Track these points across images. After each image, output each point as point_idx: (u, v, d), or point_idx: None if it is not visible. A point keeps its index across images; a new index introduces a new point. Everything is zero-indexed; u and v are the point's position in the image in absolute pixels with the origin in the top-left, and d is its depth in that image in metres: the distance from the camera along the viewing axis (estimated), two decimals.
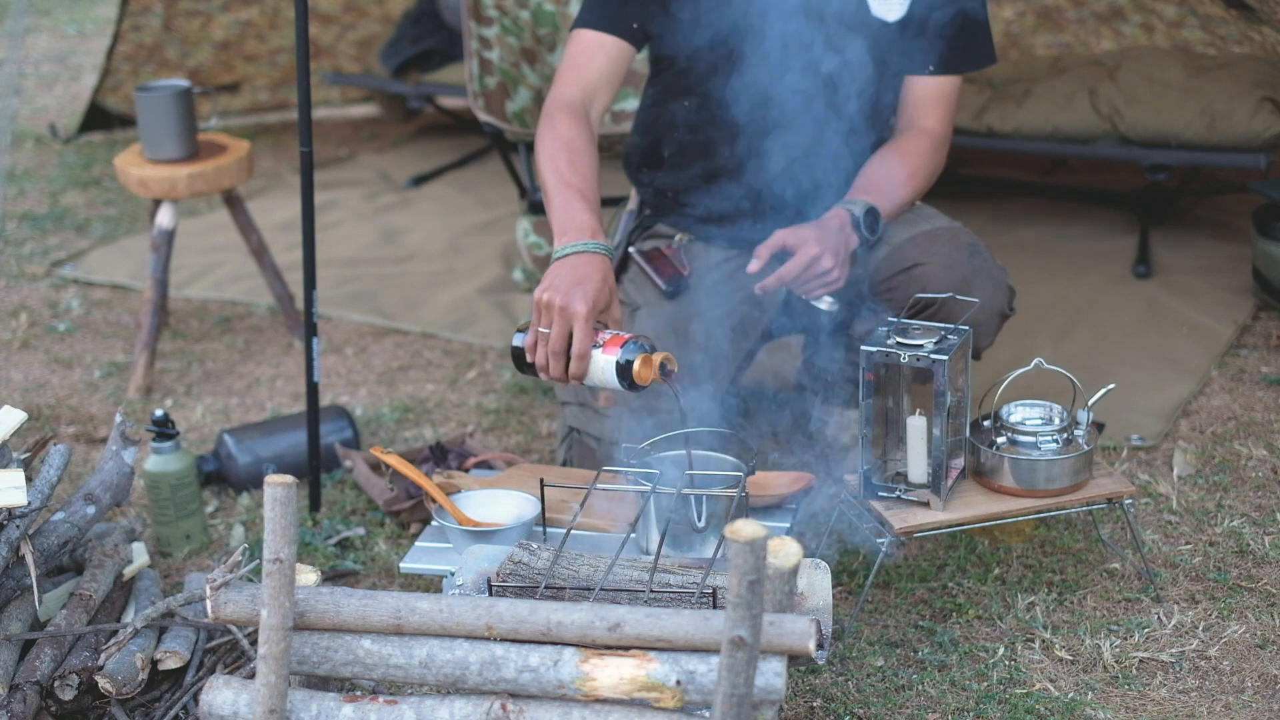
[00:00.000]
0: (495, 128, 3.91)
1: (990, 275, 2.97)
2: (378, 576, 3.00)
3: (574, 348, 2.56)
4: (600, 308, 2.60)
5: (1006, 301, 3.04)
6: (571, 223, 2.71)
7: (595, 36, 2.97)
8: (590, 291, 2.58)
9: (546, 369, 2.60)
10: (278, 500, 2.01)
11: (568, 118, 2.87)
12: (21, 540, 2.55)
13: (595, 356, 2.57)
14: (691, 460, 2.76)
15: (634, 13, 2.96)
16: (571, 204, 2.74)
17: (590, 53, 2.97)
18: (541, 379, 2.64)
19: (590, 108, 2.94)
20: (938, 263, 2.95)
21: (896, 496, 2.74)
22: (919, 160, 3.05)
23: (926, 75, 3.05)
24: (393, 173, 5.60)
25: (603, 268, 2.63)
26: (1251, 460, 3.32)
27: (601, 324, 2.63)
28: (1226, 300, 4.12)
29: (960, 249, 2.99)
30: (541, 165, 2.82)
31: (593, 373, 2.58)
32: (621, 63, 2.99)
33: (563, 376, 2.59)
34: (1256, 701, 2.54)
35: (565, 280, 2.59)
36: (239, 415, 3.73)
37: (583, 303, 2.56)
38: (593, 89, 2.95)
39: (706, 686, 2.00)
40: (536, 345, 2.61)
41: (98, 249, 4.89)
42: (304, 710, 2.10)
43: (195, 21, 5.67)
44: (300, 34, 3.01)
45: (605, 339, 2.58)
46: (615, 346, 2.57)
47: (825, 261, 2.85)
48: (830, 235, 2.89)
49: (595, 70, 2.96)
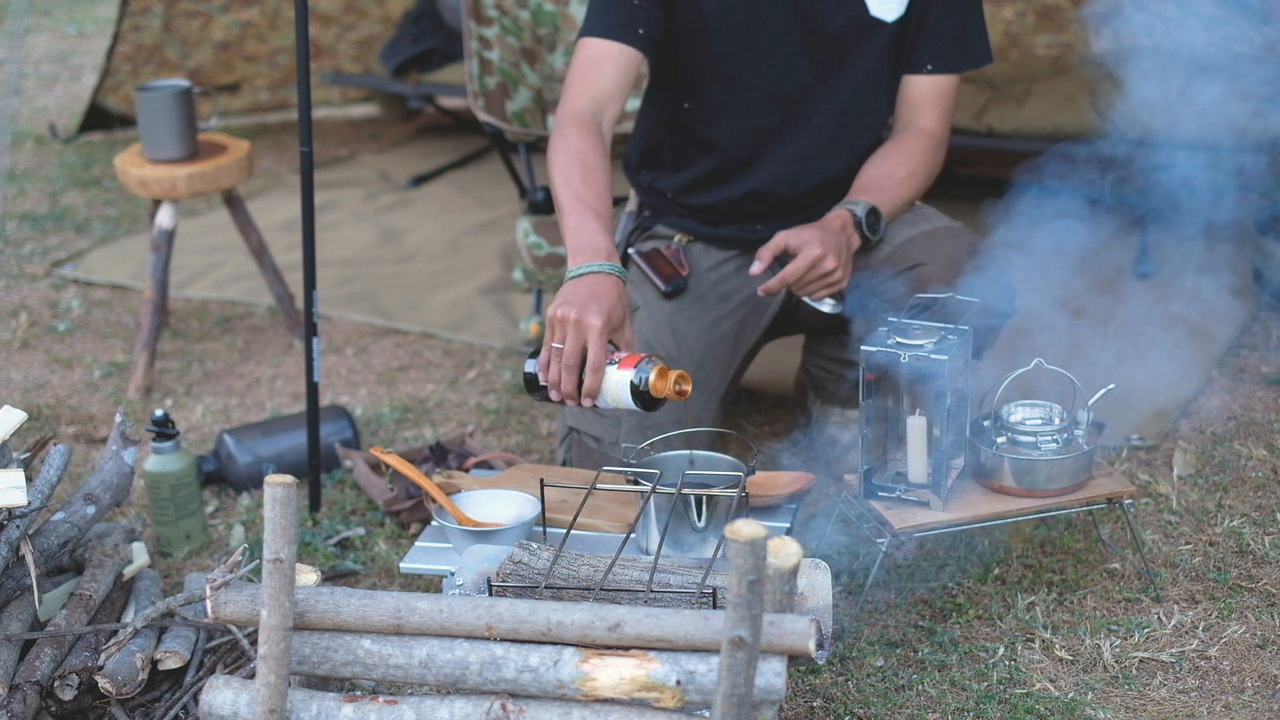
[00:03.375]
0: (495, 128, 3.91)
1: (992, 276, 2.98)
2: (378, 576, 3.00)
3: (589, 361, 2.56)
4: (614, 326, 2.60)
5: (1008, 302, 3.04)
6: (586, 243, 2.70)
7: (603, 45, 2.93)
8: (605, 307, 2.57)
9: (559, 386, 2.59)
10: (278, 500, 2.01)
11: (579, 130, 2.85)
12: (21, 540, 2.55)
13: (609, 373, 2.56)
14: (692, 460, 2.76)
15: (640, 18, 2.93)
16: (586, 223, 2.73)
17: (598, 62, 2.94)
18: (552, 399, 2.62)
19: (602, 118, 2.91)
20: (939, 263, 2.95)
21: (896, 496, 2.74)
22: (917, 160, 3.05)
23: (924, 74, 3.05)
24: (393, 173, 5.60)
25: (617, 288, 2.63)
26: (1251, 460, 3.32)
27: (614, 345, 2.62)
28: (1226, 300, 4.11)
29: (962, 249, 2.99)
30: (555, 180, 2.81)
31: (606, 390, 2.57)
32: (630, 70, 2.95)
33: (575, 393, 2.58)
34: (1256, 701, 2.54)
35: (580, 296, 2.59)
36: (239, 415, 3.73)
37: (597, 317, 2.56)
38: (604, 98, 2.92)
39: (706, 686, 2.00)
40: (550, 363, 2.61)
41: (98, 249, 4.89)
42: (304, 710, 2.10)
43: (195, 22, 5.67)
44: (300, 34, 3.01)
45: (619, 358, 2.58)
46: (629, 365, 2.56)
47: (828, 262, 2.85)
48: (832, 236, 2.88)
49: (604, 79, 2.93)
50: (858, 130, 3.09)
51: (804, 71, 3.02)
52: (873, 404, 2.73)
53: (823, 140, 3.07)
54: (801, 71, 3.02)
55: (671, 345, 3.11)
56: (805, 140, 3.07)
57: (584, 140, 2.83)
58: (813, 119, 3.06)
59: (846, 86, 3.04)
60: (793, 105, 3.06)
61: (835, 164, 3.10)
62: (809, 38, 2.99)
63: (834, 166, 3.10)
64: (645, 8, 2.94)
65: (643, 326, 3.12)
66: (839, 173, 3.09)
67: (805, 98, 3.05)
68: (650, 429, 3.01)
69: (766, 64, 3.02)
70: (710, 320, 3.16)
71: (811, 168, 3.10)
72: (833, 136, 3.08)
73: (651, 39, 2.96)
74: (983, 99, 4.58)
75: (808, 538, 2.85)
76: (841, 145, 3.09)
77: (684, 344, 3.11)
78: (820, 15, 2.98)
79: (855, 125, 3.08)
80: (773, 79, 3.03)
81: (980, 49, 3.09)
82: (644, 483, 2.64)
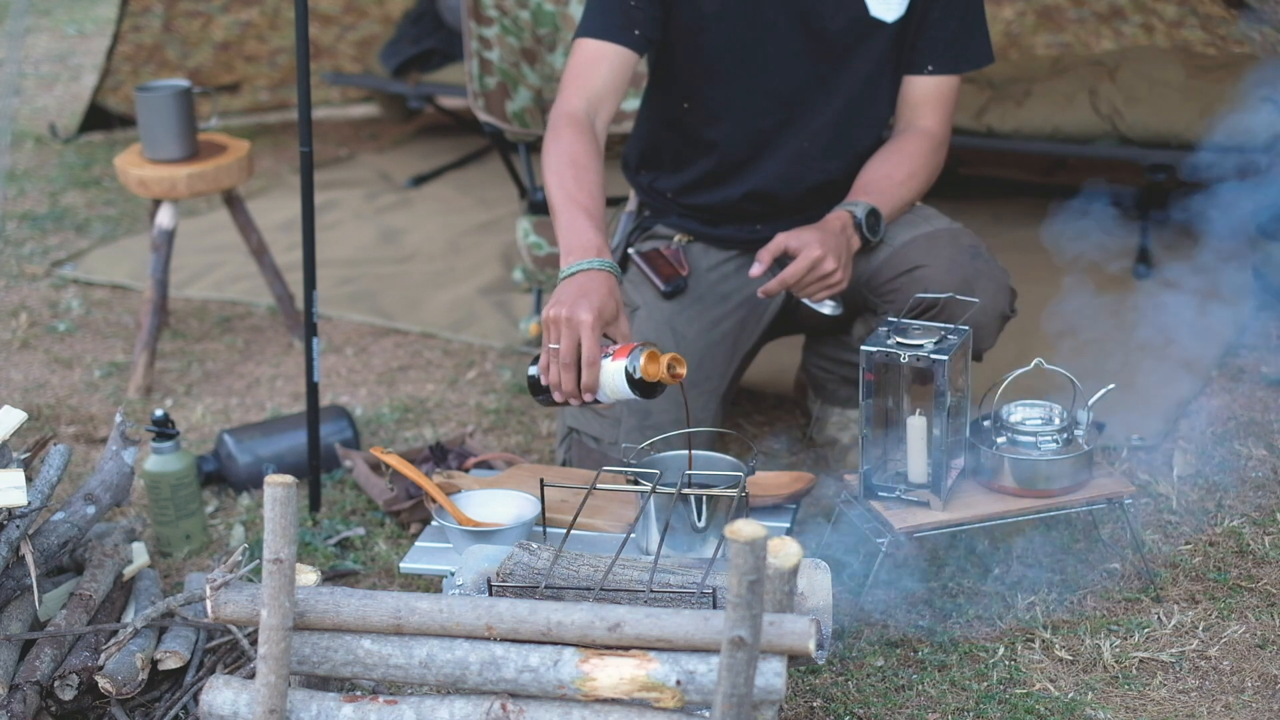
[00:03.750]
0: (495, 128, 3.91)
1: (992, 277, 2.97)
2: (378, 576, 3.00)
3: (584, 355, 2.57)
4: (607, 319, 2.61)
5: (1008, 303, 3.04)
6: (577, 241, 2.71)
7: (598, 45, 2.94)
8: (595, 302, 2.58)
9: (559, 386, 2.61)
10: (278, 500, 2.01)
11: (573, 131, 2.86)
12: (21, 540, 2.55)
13: (605, 365, 2.58)
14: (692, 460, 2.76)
15: (636, 19, 2.94)
16: (577, 222, 2.74)
17: (593, 62, 2.94)
18: (556, 401, 2.64)
19: (596, 118, 2.91)
20: (939, 265, 2.94)
21: (896, 496, 2.74)
22: (918, 161, 3.05)
23: (925, 75, 3.05)
24: (393, 173, 5.60)
25: (608, 282, 2.64)
26: (1251, 460, 3.32)
27: (610, 339, 2.63)
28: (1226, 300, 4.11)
29: (962, 251, 2.99)
30: (548, 180, 2.82)
31: (603, 382, 2.58)
32: (625, 70, 2.95)
33: (575, 390, 2.60)
34: (1256, 701, 2.54)
35: (570, 295, 2.60)
36: (239, 415, 3.73)
37: (587, 312, 2.57)
38: (597, 99, 2.93)
39: (706, 686, 2.00)
40: (550, 365, 2.62)
41: (98, 249, 4.89)
42: (304, 710, 2.10)
43: (195, 22, 5.67)
44: (300, 34, 3.01)
45: (614, 350, 2.59)
46: (623, 355, 2.58)
47: (828, 264, 2.85)
48: (832, 237, 2.88)
49: (599, 80, 2.93)
50: (858, 131, 3.09)
51: (804, 72, 3.02)
52: (872, 404, 2.73)
53: (822, 141, 3.07)
54: (801, 72, 3.02)
55: (671, 345, 3.11)
56: (805, 140, 3.07)
57: (576, 140, 2.84)
58: (813, 119, 3.06)
59: (846, 87, 3.04)
60: (792, 106, 3.05)
61: (835, 164, 3.09)
62: (809, 38, 2.99)
63: (834, 167, 3.09)
64: (641, 8, 2.94)
65: (643, 326, 3.12)
66: (839, 173, 3.09)
67: (805, 98, 3.05)
68: (650, 429, 3.01)
69: (766, 64, 3.02)
70: (710, 320, 3.16)
71: (811, 168, 3.09)
72: (832, 137, 3.07)
73: (647, 39, 2.96)
74: (983, 99, 4.58)
75: (808, 538, 2.85)
76: (841, 146, 3.09)
77: (684, 344, 3.11)
78: (820, 16, 2.98)
79: (855, 126, 3.08)
80: (772, 79, 3.03)
81: (981, 49, 3.08)
82: (644, 483, 2.64)
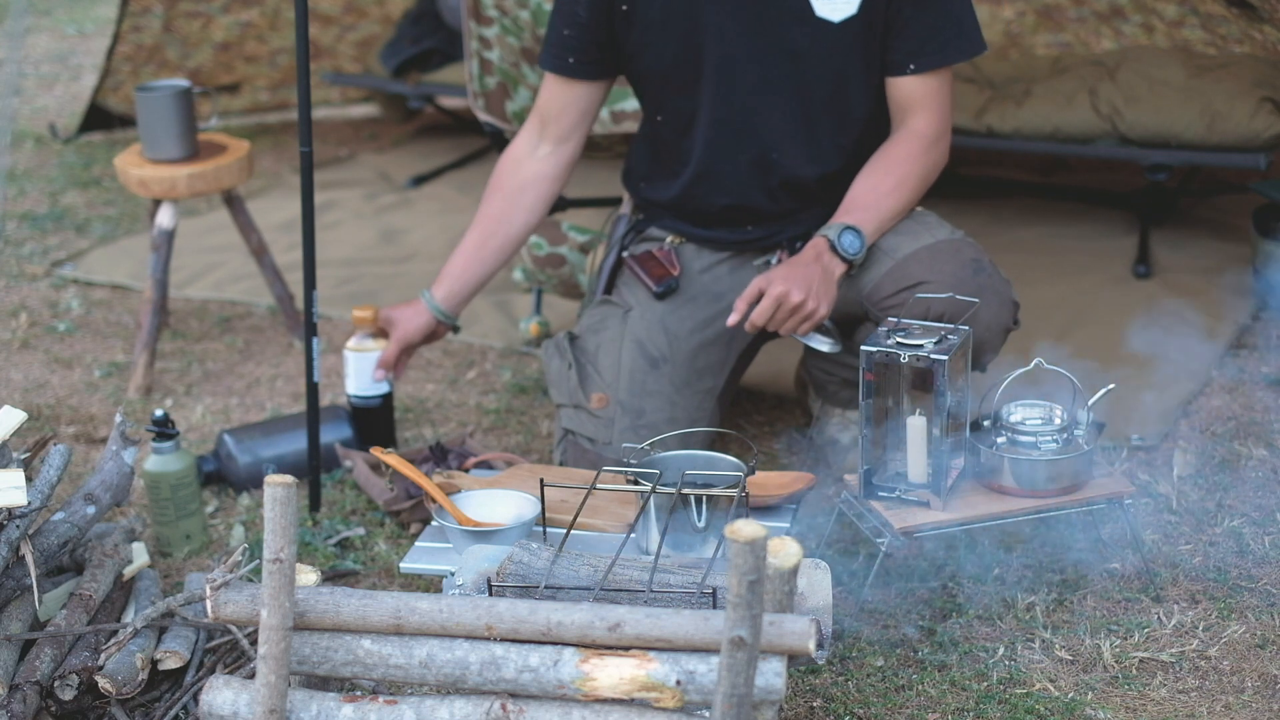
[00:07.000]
0: (495, 128, 3.91)
1: (995, 290, 2.96)
2: (378, 576, 3.00)
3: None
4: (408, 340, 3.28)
5: (1011, 316, 3.03)
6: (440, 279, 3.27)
7: (550, 77, 3.15)
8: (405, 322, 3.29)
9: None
10: (278, 500, 2.01)
11: (495, 183, 3.23)
12: (21, 540, 2.55)
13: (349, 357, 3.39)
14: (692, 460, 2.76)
15: (571, 47, 3.08)
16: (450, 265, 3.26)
17: (550, 93, 3.17)
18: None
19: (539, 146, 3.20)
20: (941, 280, 2.92)
21: (896, 496, 2.74)
22: (906, 166, 3.01)
23: (909, 75, 3.01)
24: (393, 173, 5.60)
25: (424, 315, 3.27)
26: (1251, 460, 3.32)
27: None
28: (1226, 300, 4.11)
29: (964, 265, 2.96)
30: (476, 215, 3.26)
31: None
32: (569, 95, 3.14)
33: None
34: (1256, 701, 2.54)
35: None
36: (239, 415, 3.73)
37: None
38: (547, 121, 3.18)
39: (706, 686, 2.00)
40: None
41: (98, 249, 4.89)
42: (304, 710, 2.10)
43: (195, 22, 5.67)
44: (300, 34, 3.01)
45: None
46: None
47: (793, 297, 2.84)
48: (800, 269, 2.87)
49: (547, 105, 3.19)
50: (827, 132, 3.04)
51: (754, 76, 2.99)
52: (872, 404, 2.73)
53: (789, 145, 3.04)
54: (752, 76, 2.99)
55: (664, 345, 3.11)
56: (771, 148, 3.05)
57: (491, 197, 3.23)
58: (774, 125, 3.03)
59: (808, 89, 3.00)
60: (750, 113, 3.02)
61: (810, 168, 3.06)
62: (755, 42, 2.96)
63: (808, 171, 3.06)
64: (575, 35, 3.06)
65: (636, 327, 3.13)
66: (815, 176, 3.06)
67: (761, 104, 3.02)
68: (644, 429, 3.01)
69: (717, 72, 3.00)
70: (702, 319, 3.16)
71: (782, 173, 3.07)
72: (803, 141, 3.04)
73: (583, 63, 3.10)
74: (983, 99, 4.58)
75: (808, 538, 2.85)
76: (811, 149, 3.05)
77: (676, 343, 3.11)
78: (761, 19, 2.95)
79: (823, 128, 3.03)
80: (725, 86, 3.01)
81: (965, 41, 3.00)
82: (644, 483, 2.64)
